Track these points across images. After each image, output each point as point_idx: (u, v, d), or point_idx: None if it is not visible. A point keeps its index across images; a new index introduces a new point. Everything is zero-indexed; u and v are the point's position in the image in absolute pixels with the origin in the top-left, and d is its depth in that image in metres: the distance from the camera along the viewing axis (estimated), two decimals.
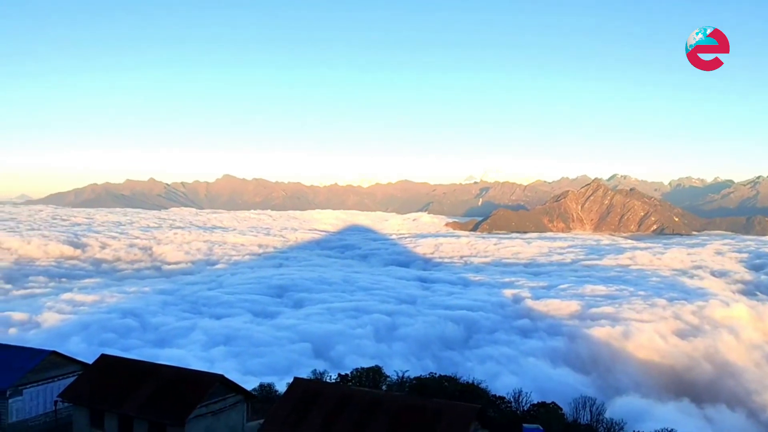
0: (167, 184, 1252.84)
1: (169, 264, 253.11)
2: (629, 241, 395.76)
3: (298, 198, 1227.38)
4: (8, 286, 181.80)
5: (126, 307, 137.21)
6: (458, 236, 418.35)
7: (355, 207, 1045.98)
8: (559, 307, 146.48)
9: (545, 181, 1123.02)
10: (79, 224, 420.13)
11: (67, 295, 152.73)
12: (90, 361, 38.15)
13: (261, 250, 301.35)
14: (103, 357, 36.57)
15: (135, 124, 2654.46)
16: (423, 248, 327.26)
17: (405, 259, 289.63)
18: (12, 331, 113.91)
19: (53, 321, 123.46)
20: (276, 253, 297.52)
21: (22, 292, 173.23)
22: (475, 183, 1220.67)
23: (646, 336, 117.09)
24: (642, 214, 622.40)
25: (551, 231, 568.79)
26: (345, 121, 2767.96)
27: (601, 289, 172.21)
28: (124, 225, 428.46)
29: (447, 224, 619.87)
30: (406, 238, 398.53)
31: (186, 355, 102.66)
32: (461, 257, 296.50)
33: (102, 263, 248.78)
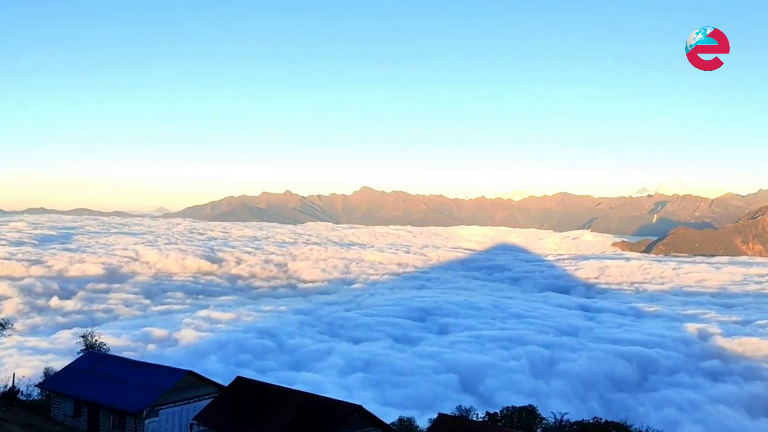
0: (303, 197, 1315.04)
1: (305, 282, 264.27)
2: None
3: (440, 212, 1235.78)
4: (147, 302, 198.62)
5: (262, 327, 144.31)
6: (628, 258, 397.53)
7: (505, 223, 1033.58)
8: (758, 346, 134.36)
9: (738, 195, 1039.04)
10: (215, 238, 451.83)
11: (204, 312, 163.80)
12: (226, 383, 39.77)
13: (400, 270, 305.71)
14: (239, 380, 37.93)
15: (271, 135, 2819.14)
16: (585, 272, 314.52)
17: (564, 284, 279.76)
18: (151, 347, 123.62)
19: (191, 338, 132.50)
20: (417, 272, 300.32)
21: (160, 308, 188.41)
22: (649, 196, 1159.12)
23: None
24: None
25: (746, 254, 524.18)
26: (493, 128, 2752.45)
27: None
28: (259, 240, 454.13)
29: (614, 244, 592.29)
30: (564, 259, 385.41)
31: (322, 380, 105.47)
32: (632, 283, 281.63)
33: (237, 279, 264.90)
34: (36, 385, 47.27)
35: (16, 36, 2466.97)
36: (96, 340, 55.40)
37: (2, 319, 53.80)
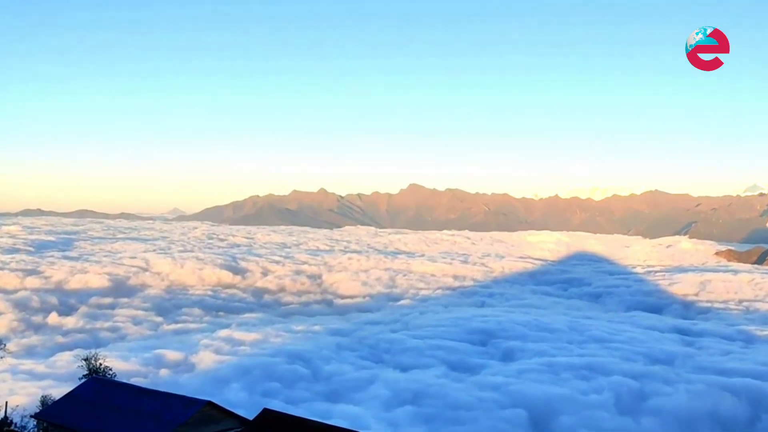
0: (340, 197, 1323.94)
1: (343, 297, 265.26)
2: None
3: (504, 214, 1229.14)
4: (159, 319, 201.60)
5: (293, 350, 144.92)
6: (735, 271, 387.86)
7: (583, 227, 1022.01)
8: None
9: None
10: (238, 245, 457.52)
11: (224, 332, 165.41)
12: (250, 416, 39.95)
13: (457, 283, 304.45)
14: (266, 412, 38.08)
15: (303, 124, 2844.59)
16: (683, 287, 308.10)
17: (656, 302, 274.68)
18: (164, 372, 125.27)
19: (209, 363, 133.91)
20: (476, 287, 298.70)
21: (174, 326, 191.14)
22: (761, 195, 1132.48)
23: None
24: None
25: None
26: (568, 114, 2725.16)
27: None
28: (289, 247, 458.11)
29: (718, 253, 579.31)
30: (657, 272, 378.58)
31: (363, 414, 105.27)
32: (740, 301, 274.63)
33: (264, 293, 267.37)
34: (32, 416, 48.23)
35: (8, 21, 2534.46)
36: (100, 364, 56.43)
37: None
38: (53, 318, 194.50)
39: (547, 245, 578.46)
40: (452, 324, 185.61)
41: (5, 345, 54.86)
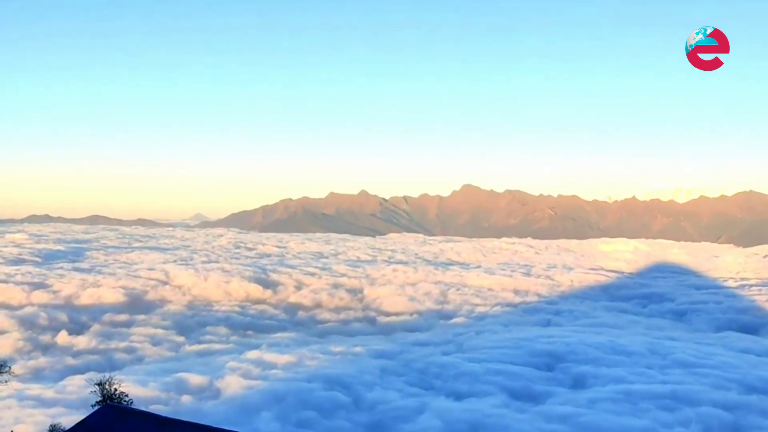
0: (384, 199, 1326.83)
1: (387, 315, 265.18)
2: None
3: (573, 219, 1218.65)
4: (180, 339, 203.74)
5: (331, 375, 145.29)
6: None
7: (665, 234, 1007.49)
8: None
9: None
10: (268, 255, 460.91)
11: (253, 354, 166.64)
12: None
13: (518, 299, 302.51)
14: None
15: (341, 119, 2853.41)
16: None
17: (751, 321, 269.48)
18: (185, 399, 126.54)
19: (237, 388, 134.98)
20: (541, 303, 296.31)
21: (197, 347, 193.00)
22: None
23: None
24: None
25: None
26: (647, 104, 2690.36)
27: None
28: (326, 257, 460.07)
29: None
30: (752, 285, 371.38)
31: None
32: None
33: (298, 310, 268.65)
34: None
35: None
36: (115, 390, 57.04)
37: None
38: (63, 337, 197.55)
39: (623, 255, 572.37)
40: (513, 345, 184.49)
41: (10, 368, 55.73)
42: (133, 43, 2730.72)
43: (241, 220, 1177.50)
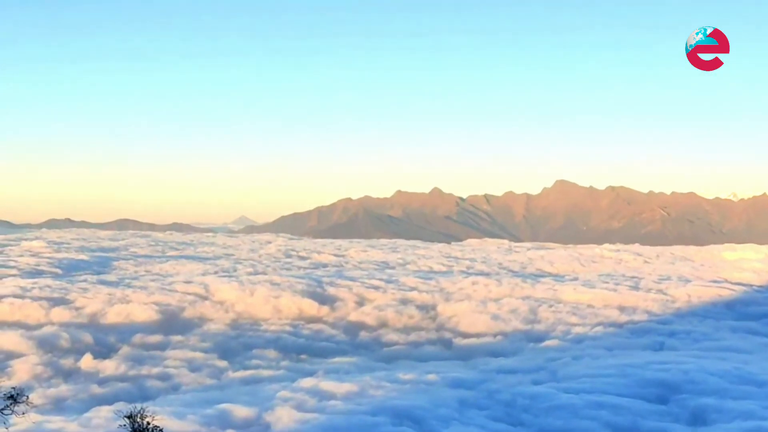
0: (461, 199, 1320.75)
1: (466, 336, 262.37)
2: None
3: (690, 221, 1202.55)
4: (223, 364, 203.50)
5: (400, 407, 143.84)
6: None
7: None
8: None
9: None
10: (324, 265, 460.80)
11: (308, 381, 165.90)
12: None
13: (624, 317, 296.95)
14: None
15: (409, 106, 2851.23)
16: None
17: None
18: None
19: (289, 422, 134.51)
20: (652, 322, 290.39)
21: (242, 373, 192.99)
22: None
23: None
24: None
25: None
26: None
27: None
28: (392, 267, 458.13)
29: None
30: None
31: None
32: None
33: (360, 330, 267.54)
34: None
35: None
36: (148, 423, 56.52)
37: (12, 388, 55.70)
38: (87, 361, 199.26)
39: (752, 264, 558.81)
40: (618, 373, 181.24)
41: (27, 397, 55.40)
42: (174, 31, 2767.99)
43: (292, 224, 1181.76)
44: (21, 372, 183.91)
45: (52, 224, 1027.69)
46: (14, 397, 54.13)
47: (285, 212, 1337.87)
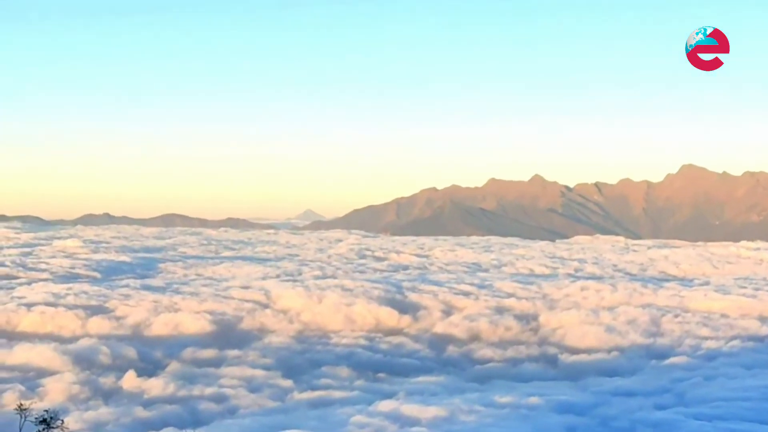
0: (567, 188, 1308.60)
1: (575, 352, 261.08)
2: None
3: None
4: (287, 383, 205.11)
5: None
6: None
7: None
8: None
9: None
10: (404, 266, 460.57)
11: (387, 404, 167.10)
12: None
13: (766, 329, 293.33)
14: None
15: (507, 83, 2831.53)
16: None
17: None
18: None
19: None
20: None
21: (309, 394, 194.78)
22: None
23: None
24: None
25: None
26: None
27: None
28: (486, 269, 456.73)
29: None
30: None
31: None
32: None
33: (447, 344, 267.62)
34: None
35: None
36: None
37: (45, 411, 57.52)
38: (130, 380, 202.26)
39: None
40: (760, 396, 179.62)
41: (62, 421, 57.29)
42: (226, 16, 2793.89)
43: (366, 219, 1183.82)
44: (54, 392, 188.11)
45: (89, 220, 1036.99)
46: (47, 421, 56.52)
47: (358, 205, 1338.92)
